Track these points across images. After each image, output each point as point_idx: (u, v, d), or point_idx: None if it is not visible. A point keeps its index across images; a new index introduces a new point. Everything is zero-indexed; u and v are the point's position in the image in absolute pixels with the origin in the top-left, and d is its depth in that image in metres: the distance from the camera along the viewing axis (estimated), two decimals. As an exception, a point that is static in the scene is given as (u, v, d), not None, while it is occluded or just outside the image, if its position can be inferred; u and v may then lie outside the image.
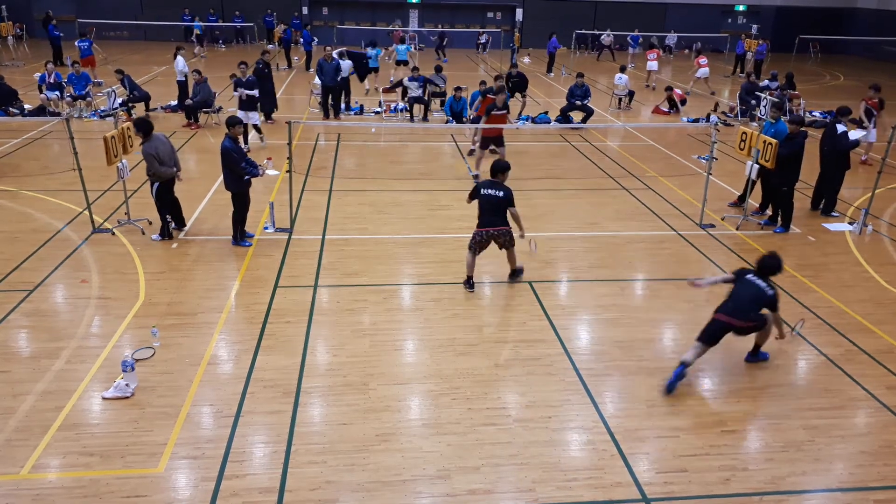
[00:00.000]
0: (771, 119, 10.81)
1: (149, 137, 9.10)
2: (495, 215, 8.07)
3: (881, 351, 7.20)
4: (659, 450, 5.59)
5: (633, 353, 7.04)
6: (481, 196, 8.12)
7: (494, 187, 8.09)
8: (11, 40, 27.92)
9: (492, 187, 8.10)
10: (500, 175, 8.21)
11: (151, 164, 9.05)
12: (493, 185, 8.12)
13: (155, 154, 9.01)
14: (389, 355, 6.87)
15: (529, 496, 5.05)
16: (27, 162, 13.10)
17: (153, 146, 9.04)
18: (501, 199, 8.03)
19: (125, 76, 16.43)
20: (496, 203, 8.03)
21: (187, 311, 7.60)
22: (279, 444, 5.50)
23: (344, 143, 15.47)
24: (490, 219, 8.07)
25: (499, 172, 8.22)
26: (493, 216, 8.07)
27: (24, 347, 6.82)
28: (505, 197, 8.03)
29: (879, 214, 11.45)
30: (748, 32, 31.34)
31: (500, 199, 8.04)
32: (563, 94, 19.31)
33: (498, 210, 8.06)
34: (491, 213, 8.07)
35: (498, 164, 8.29)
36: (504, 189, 8.09)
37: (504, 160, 8.60)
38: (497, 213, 8.07)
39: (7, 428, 5.57)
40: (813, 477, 5.35)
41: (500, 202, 8.04)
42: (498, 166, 8.27)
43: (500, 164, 8.29)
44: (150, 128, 9.17)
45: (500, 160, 8.52)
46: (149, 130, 9.13)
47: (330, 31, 32.40)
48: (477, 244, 8.16)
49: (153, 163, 9.03)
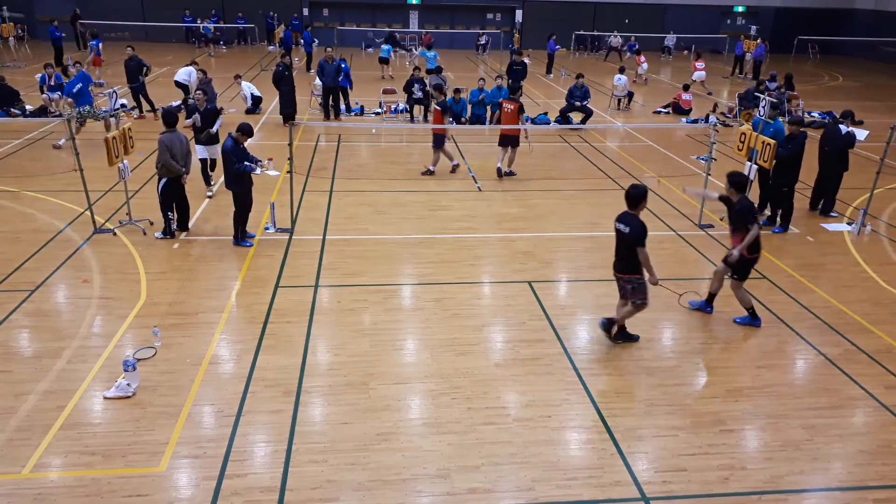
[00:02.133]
0: (768, 119, 10.84)
1: (170, 129, 9.24)
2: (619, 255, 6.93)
3: (880, 350, 7.22)
4: (658, 449, 5.61)
5: (633, 352, 7.06)
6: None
7: (623, 220, 6.80)
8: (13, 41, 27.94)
9: (621, 220, 6.83)
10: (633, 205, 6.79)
11: (162, 154, 9.09)
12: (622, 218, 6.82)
13: (168, 145, 9.09)
14: (390, 355, 6.89)
15: (529, 495, 5.07)
16: (29, 162, 13.13)
17: (169, 138, 9.16)
18: (626, 235, 6.76)
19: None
20: (620, 239, 6.86)
21: (188, 310, 7.62)
22: (280, 444, 5.52)
23: (344, 144, 15.49)
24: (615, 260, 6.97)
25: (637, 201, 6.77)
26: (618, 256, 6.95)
27: (25, 347, 6.84)
28: (632, 232, 6.68)
29: (878, 214, 11.49)
30: (747, 33, 31.37)
31: (624, 235, 6.80)
32: (563, 95, 19.35)
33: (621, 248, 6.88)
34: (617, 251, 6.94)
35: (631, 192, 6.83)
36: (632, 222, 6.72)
37: (639, 185, 6.90)
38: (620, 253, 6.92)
39: (9, 427, 5.60)
40: (811, 476, 5.37)
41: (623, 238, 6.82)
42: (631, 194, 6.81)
43: (632, 192, 6.81)
44: (174, 120, 9.35)
45: (635, 185, 6.89)
46: (172, 123, 9.30)
47: (330, 33, 32.43)
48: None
49: (164, 153, 9.07)
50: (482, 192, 12.24)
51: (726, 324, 7.70)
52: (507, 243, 9.86)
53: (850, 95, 24.53)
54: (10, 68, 24.10)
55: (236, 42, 35.31)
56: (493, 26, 37.12)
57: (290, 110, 16.46)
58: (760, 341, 7.36)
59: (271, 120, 17.54)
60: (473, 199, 11.87)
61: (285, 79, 16.22)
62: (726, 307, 8.10)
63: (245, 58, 30.02)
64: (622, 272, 6.93)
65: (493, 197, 11.98)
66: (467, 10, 37.09)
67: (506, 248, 9.67)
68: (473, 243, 9.75)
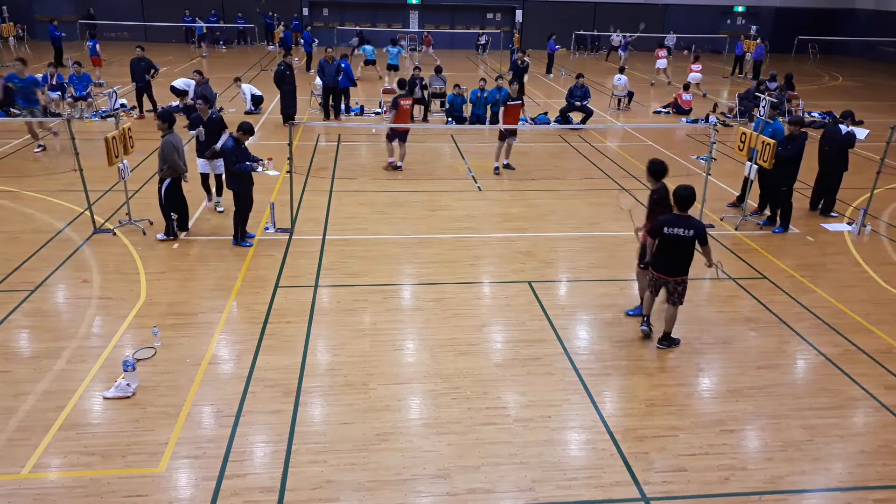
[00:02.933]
0: (768, 119, 10.83)
1: (171, 130, 9.20)
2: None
3: (880, 351, 7.22)
4: (658, 449, 5.60)
5: (633, 352, 7.06)
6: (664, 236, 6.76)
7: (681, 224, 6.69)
8: (13, 41, 27.94)
9: (677, 224, 6.69)
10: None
11: (170, 156, 9.07)
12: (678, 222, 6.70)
13: (176, 145, 9.09)
14: (390, 355, 6.89)
15: (529, 495, 5.06)
16: (29, 162, 13.13)
17: (174, 138, 9.16)
18: (691, 238, 6.67)
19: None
20: (680, 243, 6.73)
21: (188, 311, 7.62)
22: (280, 444, 5.52)
23: (344, 144, 15.49)
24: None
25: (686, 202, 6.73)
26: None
27: (25, 347, 6.84)
28: (697, 234, 6.64)
29: (878, 214, 11.48)
30: (747, 33, 31.38)
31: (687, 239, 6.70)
32: (563, 94, 19.36)
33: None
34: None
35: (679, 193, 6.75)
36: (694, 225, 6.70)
37: (689, 186, 6.81)
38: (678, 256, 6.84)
39: (8, 428, 5.59)
40: (812, 476, 5.37)
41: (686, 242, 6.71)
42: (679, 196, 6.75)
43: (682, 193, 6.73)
44: (174, 120, 9.31)
45: (685, 186, 6.77)
46: (173, 122, 9.26)
47: (330, 33, 32.43)
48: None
49: (173, 154, 9.06)
50: (482, 192, 12.24)
51: (726, 324, 7.70)
52: (507, 243, 9.85)
53: (850, 95, 24.53)
54: (11, 68, 24.05)
55: (236, 42, 35.31)
56: (493, 26, 37.13)
57: (290, 110, 16.45)
58: (761, 342, 7.36)
59: (271, 120, 17.54)
60: (473, 198, 11.86)
61: (287, 78, 16.22)
62: (726, 307, 8.11)
63: (245, 58, 30.04)
64: (677, 275, 6.85)
65: (493, 197, 11.97)
66: (467, 10, 37.10)
67: (506, 248, 9.67)
68: (473, 243, 9.74)
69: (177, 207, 9.48)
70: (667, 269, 6.89)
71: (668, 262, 6.87)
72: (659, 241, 6.81)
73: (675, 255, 6.80)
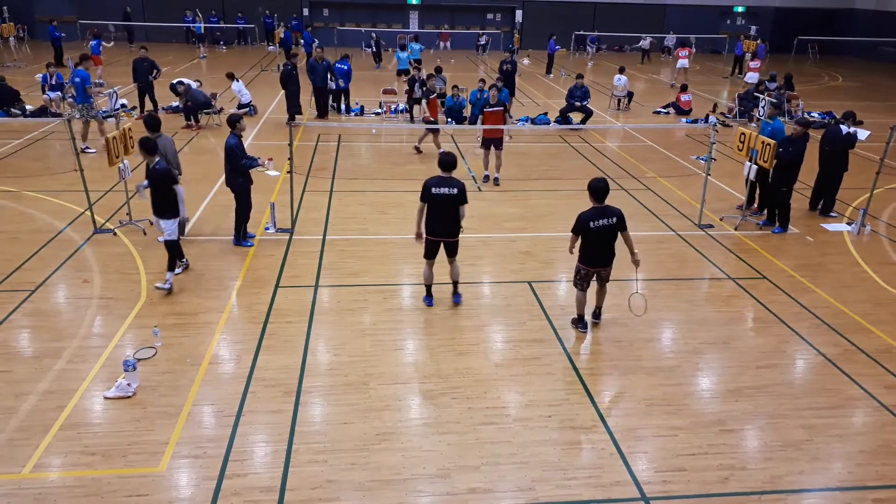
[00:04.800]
0: (768, 119, 10.84)
1: (158, 133, 9.18)
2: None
3: (879, 350, 7.22)
4: (658, 449, 5.61)
5: (632, 352, 7.07)
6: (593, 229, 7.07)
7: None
8: (13, 41, 27.95)
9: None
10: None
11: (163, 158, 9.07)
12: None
13: (163, 151, 9.07)
14: (390, 355, 6.90)
15: (529, 495, 5.07)
16: (29, 162, 13.13)
17: (162, 143, 9.12)
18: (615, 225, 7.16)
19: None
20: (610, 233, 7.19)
21: (189, 310, 7.63)
22: (280, 444, 5.52)
23: (344, 144, 15.50)
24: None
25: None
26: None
27: (25, 347, 6.84)
28: (620, 220, 7.13)
29: (877, 214, 11.49)
30: (747, 33, 31.38)
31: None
32: (563, 95, 19.36)
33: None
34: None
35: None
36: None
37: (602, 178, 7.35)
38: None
39: (9, 427, 5.60)
40: (811, 476, 5.38)
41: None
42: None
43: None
44: (159, 123, 9.28)
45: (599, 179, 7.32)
46: (158, 125, 9.23)
47: (330, 33, 32.43)
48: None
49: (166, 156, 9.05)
50: (482, 192, 12.24)
51: (726, 324, 7.71)
52: (507, 243, 9.86)
53: (849, 95, 24.53)
54: (11, 68, 24.10)
55: (236, 42, 35.31)
56: (493, 26, 37.13)
57: (295, 110, 16.55)
58: (760, 341, 7.37)
59: (271, 120, 17.55)
60: (473, 199, 11.77)
61: (293, 78, 16.36)
62: (726, 307, 8.12)
63: (245, 58, 30.03)
64: (610, 262, 7.30)
65: (493, 197, 11.98)
66: (467, 10, 37.09)
67: (506, 248, 9.68)
68: (473, 243, 9.75)
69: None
70: (602, 261, 7.24)
71: (602, 253, 7.20)
72: (585, 236, 7.12)
73: (605, 245, 7.14)
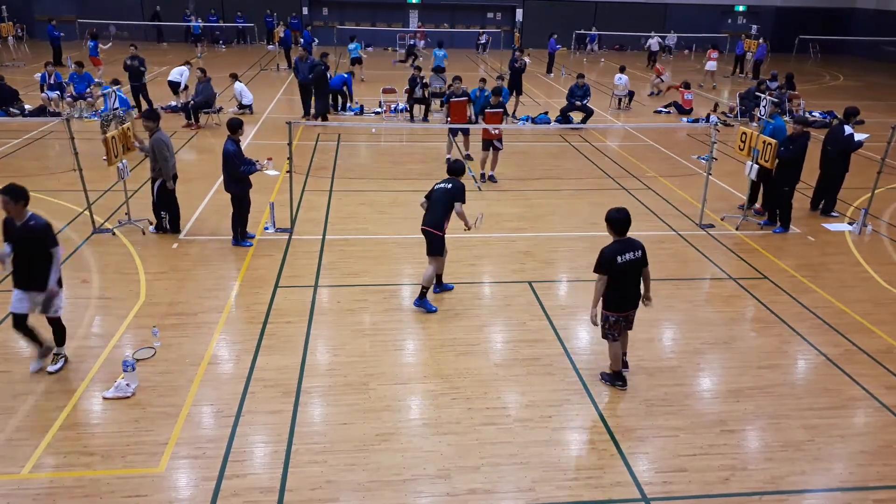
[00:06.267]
0: (769, 119, 10.82)
1: (158, 127, 9.22)
2: None
3: (880, 351, 7.21)
4: (658, 449, 5.60)
5: (633, 352, 7.04)
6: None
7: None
8: (12, 41, 27.92)
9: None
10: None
11: (161, 153, 9.07)
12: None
13: (167, 143, 9.09)
14: (389, 355, 6.88)
15: (529, 495, 5.06)
16: (28, 162, 13.11)
17: (165, 136, 9.17)
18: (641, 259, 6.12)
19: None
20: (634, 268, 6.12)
21: (188, 311, 7.61)
22: (280, 444, 5.51)
23: (344, 144, 15.48)
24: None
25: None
26: None
27: (24, 347, 6.82)
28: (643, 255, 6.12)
29: (879, 214, 11.47)
30: (748, 33, 31.34)
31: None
32: (563, 94, 19.33)
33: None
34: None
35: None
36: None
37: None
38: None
39: (8, 427, 5.59)
40: (812, 476, 5.36)
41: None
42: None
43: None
44: (158, 117, 9.34)
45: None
46: (158, 119, 9.29)
47: (330, 32, 32.40)
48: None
49: (164, 151, 9.05)
50: (482, 192, 12.23)
51: (727, 324, 7.69)
52: (507, 243, 9.84)
53: (850, 95, 24.49)
54: (10, 68, 24.08)
55: (235, 41, 35.28)
56: (494, 25, 37.09)
57: (326, 109, 16.92)
58: (761, 342, 7.35)
59: (271, 120, 17.52)
60: (473, 198, 11.80)
61: (326, 79, 16.76)
62: (726, 307, 8.10)
63: (244, 58, 29.99)
64: (637, 303, 6.25)
65: (493, 197, 11.96)
66: (467, 9, 37.05)
67: (506, 248, 9.66)
68: (473, 243, 9.73)
69: (167, 207, 9.50)
70: (632, 302, 6.17)
71: (630, 292, 6.12)
72: (612, 277, 5.97)
73: (633, 283, 6.12)
